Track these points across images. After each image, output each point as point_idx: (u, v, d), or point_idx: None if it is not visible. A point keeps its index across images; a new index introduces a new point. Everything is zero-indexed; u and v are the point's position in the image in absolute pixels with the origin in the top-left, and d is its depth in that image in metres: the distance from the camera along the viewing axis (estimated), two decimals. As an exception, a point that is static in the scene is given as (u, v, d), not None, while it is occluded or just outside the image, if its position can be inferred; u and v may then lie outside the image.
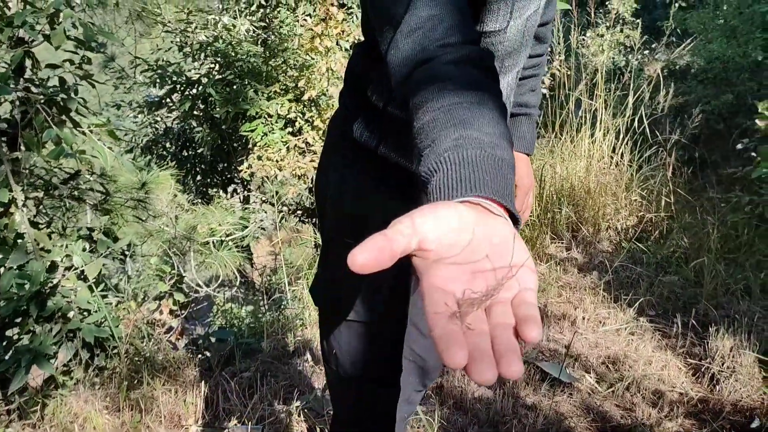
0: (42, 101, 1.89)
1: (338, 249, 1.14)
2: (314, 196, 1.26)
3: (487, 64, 0.69)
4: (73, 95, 1.94)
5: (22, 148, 1.90)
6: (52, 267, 1.84)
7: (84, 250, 1.98)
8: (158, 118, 5.87)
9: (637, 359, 2.44)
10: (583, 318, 2.79)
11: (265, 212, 5.78)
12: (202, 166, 5.76)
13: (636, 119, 4.10)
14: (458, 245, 0.46)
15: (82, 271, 1.92)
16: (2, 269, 1.79)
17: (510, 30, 0.96)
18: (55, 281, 1.83)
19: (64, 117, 2.00)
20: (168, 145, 5.78)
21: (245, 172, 4.75)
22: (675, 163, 4.16)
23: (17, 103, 1.93)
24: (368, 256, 0.44)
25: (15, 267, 1.75)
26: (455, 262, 0.46)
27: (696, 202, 3.79)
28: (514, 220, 0.52)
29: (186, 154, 5.81)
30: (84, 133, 2.02)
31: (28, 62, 1.98)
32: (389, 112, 0.99)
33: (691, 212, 3.70)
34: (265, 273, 5.73)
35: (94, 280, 1.93)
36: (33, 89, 1.97)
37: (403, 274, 1.08)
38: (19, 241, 1.82)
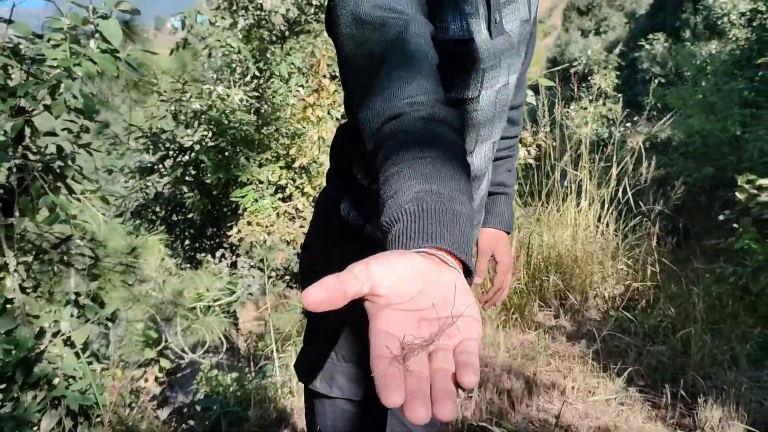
0: (39, 168, 1.92)
1: (324, 325, 1.15)
2: (300, 274, 1.28)
3: (451, 123, 0.72)
4: (70, 163, 1.98)
5: (17, 213, 1.92)
6: (40, 333, 1.83)
7: (72, 315, 1.97)
8: (149, 183, 5.92)
9: (627, 430, 2.42)
10: (573, 387, 2.77)
11: (253, 277, 5.75)
12: (191, 231, 5.77)
13: (620, 190, 4.20)
14: (408, 293, 0.49)
15: (69, 337, 1.90)
16: (-13, 334, 1.77)
17: (483, 99, 1.03)
18: (42, 347, 1.81)
19: (59, 183, 2.03)
20: (158, 209, 5.81)
21: (234, 237, 4.77)
22: (659, 233, 4.23)
23: (14, 169, 1.96)
24: (321, 294, 0.47)
25: (2, 332, 1.73)
26: (403, 309, 0.48)
27: (681, 272, 3.83)
28: (468, 271, 0.55)
29: (175, 218, 5.83)
30: (78, 199, 2.05)
31: (27, 130, 2.03)
32: (374, 189, 1.04)
33: (677, 282, 3.74)
34: (251, 339, 5.66)
35: (81, 346, 1.91)
36: (30, 156, 2.01)
37: None
38: (8, 306, 1.81)
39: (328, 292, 0.47)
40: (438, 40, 0.91)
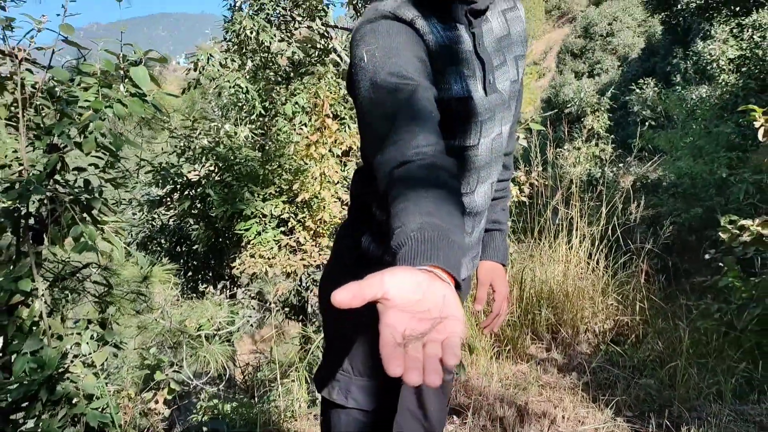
0: (69, 200, 2.09)
1: (341, 344, 1.32)
2: (320, 301, 1.44)
3: (450, 170, 0.91)
4: (97, 195, 2.15)
5: (46, 242, 2.08)
6: (64, 354, 1.96)
7: (91, 338, 2.11)
8: (155, 215, 6.09)
9: (614, 457, 2.53)
10: (563, 417, 2.89)
11: (253, 308, 5.87)
12: (195, 262, 5.92)
13: (609, 228, 4.37)
14: (410, 299, 0.66)
15: (89, 358, 2.03)
16: (14, 355, 1.91)
17: (481, 146, 1.23)
18: (65, 367, 1.94)
19: (85, 214, 2.19)
20: (162, 241, 5.96)
21: (237, 268, 4.91)
22: (649, 270, 4.39)
23: (46, 201, 2.13)
24: (347, 295, 0.65)
25: (29, 352, 1.87)
26: (405, 310, 0.65)
27: (669, 308, 3.97)
28: (457, 284, 0.72)
29: (179, 250, 5.99)
30: (102, 230, 2.21)
31: (58, 165, 2.20)
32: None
33: (664, 318, 3.88)
34: (247, 370, 5.73)
35: (100, 367, 2.04)
36: (60, 189, 2.18)
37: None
38: (34, 328, 1.95)
39: (351, 294, 0.65)
40: (443, 98, 1.12)
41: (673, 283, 5.36)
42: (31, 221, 2.11)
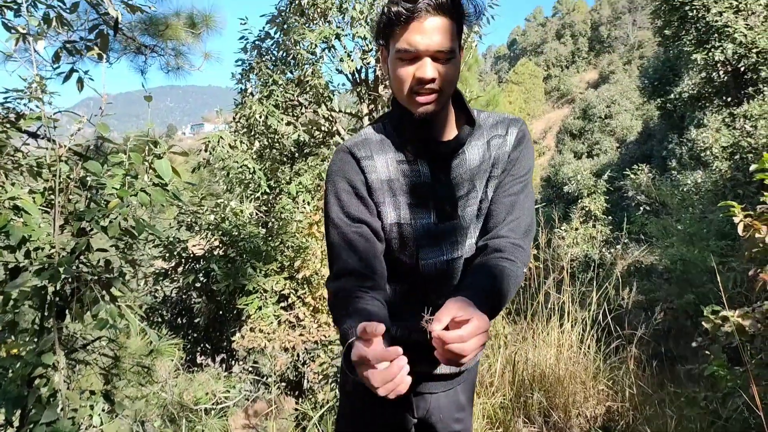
0: (91, 280, 2.28)
1: (348, 410, 1.58)
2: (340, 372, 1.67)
3: (379, 297, 1.28)
4: (117, 275, 2.34)
5: (68, 318, 2.25)
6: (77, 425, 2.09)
7: (103, 410, 2.24)
8: (157, 287, 6.25)
9: None
10: (551, 502, 2.94)
11: (249, 383, 5.92)
12: (195, 334, 6.02)
13: (600, 313, 4.50)
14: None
15: (102, 430, 2.16)
16: (32, 425, 2.04)
17: (424, 267, 1.43)
18: (77, 438, 2.07)
19: (104, 292, 2.38)
20: (164, 313, 6.09)
21: (238, 343, 5.02)
22: (641, 356, 4.48)
23: (69, 280, 2.31)
24: (354, 358, 1.03)
25: (46, 423, 2.00)
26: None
27: (658, 395, 4.06)
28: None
29: (180, 321, 6.10)
30: (119, 307, 2.39)
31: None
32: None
33: (653, 404, 3.96)
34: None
35: (108, 439, 2.16)
36: (84, 269, 2.37)
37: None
38: (52, 399, 2.09)
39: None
40: (383, 224, 1.41)
41: (667, 368, 5.43)
42: (56, 298, 2.29)
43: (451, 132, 1.43)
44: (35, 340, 2.15)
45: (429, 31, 1.25)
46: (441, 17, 1.26)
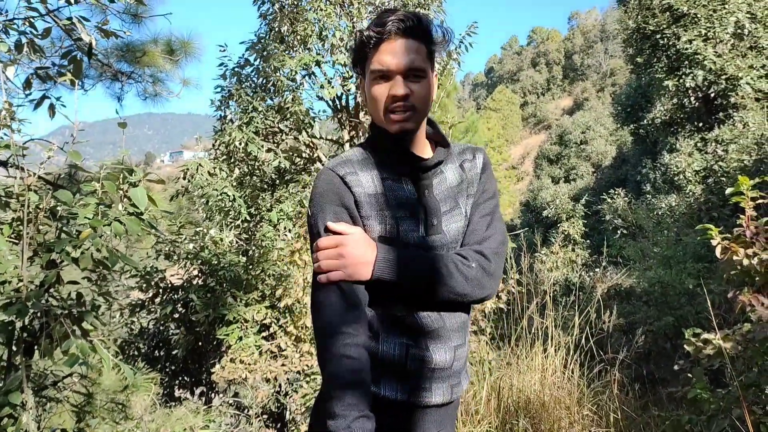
0: (62, 314, 2.19)
1: None
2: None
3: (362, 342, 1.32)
4: (89, 309, 2.26)
5: (36, 355, 2.16)
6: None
7: (73, 451, 2.14)
8: (134, 319, 6.10)
9: None
10: None
11: (231, 415, 5.77)
12: (173, 367, 5.87)
13: (583, 337, 4.49)
14: None
15: (71, 472, 2.06)
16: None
17: (422, 314, 1.42)
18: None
19: (75, 327, 2.29)
20: (141, 345, 5.94)
21: (218, 374, 4.90)
22: (624, 379, 4.46)
23: (38, 314, 2.23)
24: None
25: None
26: None
27: (641, 419, 4.03)
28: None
29: (157, 354, 5.95)
30: (90, 341, 2.30)
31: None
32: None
33: (637, 429, 3.93)
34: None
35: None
36: (54, 302, 2.29)
37: None
38: (20, 440, 1.99)
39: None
40: (372, 237, 1.41)
41: (649, 391, 5.42)
42: (24, 334, 2.20)
43: (427, 152, 1.52)
44: (2, 377, 2.06)
45: (399, 51, 1.37)
46: (410, 39, 1.38)
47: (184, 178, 5.82)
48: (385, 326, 1.43)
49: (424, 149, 1.51)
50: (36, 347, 2.20)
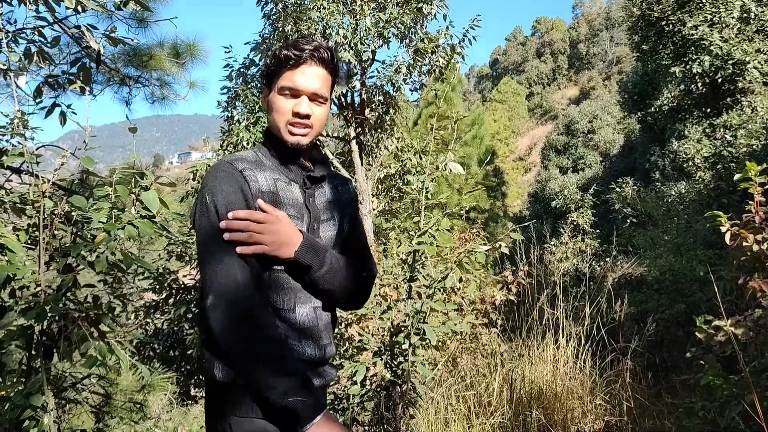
0: (79, 317, 2.24)
1: None
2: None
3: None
4: (105, 311, 2.30)
5: (55, 358, 2.21)
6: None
7: (94, 450, 2.19)
8: (148, 320, 6.17)
9: None
10: None
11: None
12: (188, 367, 5.93)
13: (595, 327, 4.50)
14: None
15: (93, 471, 2.11)
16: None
17: (299, 312, 1.53)
18: (67, 480, 2.01)
19: (93, 329, 2.34)
20: (156, 346, 6.00)
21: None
22: (636, 368, 4.47)
23: (56, 317, 2.27)
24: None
25: (36, 467, 1.95)
26: None
27: (654, 407, 4.04)
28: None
29: (172, 354, 6.01)
30: (108, 343, 2.35)
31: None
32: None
33: (651, 417, 3.94)
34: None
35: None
36: (71, 306, 2.33)
37: None
38: (42, 441, 2.03)
39: None
40: None
41: (662, 379, 5.42)
42: (43, 337, 2.25)
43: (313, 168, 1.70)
44: (23, 381, 2.11)
45: (311, 76, 1.57)
46: (321, 68, 1.59)
47: (194, 179, 5.87)
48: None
49: (307, 163, 1.67)
50: (55, 350, 2.25)
